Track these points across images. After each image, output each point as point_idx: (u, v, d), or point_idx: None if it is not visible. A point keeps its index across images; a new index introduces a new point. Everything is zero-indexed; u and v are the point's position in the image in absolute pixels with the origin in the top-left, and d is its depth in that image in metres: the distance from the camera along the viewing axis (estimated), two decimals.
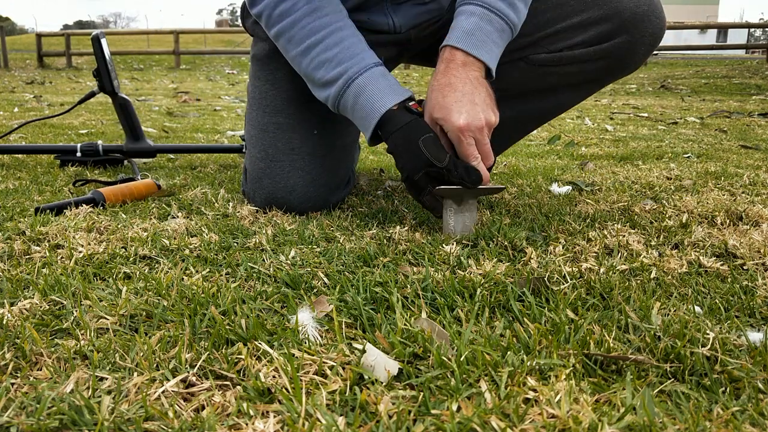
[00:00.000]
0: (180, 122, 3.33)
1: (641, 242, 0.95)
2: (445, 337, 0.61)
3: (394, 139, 0.97)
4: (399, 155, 0.97)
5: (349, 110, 1.01)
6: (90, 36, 1.61)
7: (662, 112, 4.18)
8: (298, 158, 1.13)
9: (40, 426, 0.46)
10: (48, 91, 6.68)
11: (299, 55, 1.03)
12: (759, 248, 0.92)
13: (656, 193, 1.34)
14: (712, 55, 15.50)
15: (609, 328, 0.64)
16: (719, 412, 0.50)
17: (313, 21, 1.01)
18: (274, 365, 0.55)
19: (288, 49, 1.04)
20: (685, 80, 8.29)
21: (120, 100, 1.67)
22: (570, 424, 0.47)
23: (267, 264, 0.83)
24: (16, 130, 1.96)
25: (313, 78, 1.03)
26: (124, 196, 1.22)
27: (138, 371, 0.55)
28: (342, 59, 1.00)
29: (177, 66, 12.82)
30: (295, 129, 1.13)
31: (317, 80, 1.02)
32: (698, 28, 12.48)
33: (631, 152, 2.13)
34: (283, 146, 1.13)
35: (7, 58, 12.57)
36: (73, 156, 1.66)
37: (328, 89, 1.01)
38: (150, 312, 0.67)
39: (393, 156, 0.99)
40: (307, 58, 1.02)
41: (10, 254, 0.87)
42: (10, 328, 0.63)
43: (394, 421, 0.47)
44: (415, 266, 0.84)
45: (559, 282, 0.76)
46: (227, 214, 1.12)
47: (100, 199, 1.17)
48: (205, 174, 1.60)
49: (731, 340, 0.61)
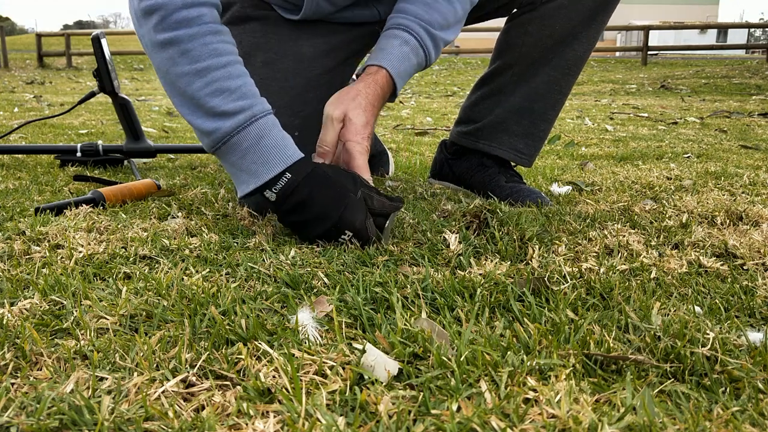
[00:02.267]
0: (180, 122, 3.33)
1: (641, 242, 0.95)
2: (445, 337, 0.61)
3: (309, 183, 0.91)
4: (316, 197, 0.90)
5: (240, 149, 0.93)
6: (90, 36, 1.61)
7: (662, 112, 4.18)
8: None
9: (40, 426, 0.46)
10: (48, 91, 6.68)
11: (193, 74, 0.91)
12: (759, 248, 0.92)
13: (656, 193, 1.34)
14: (712, 55, 15.49)
15: (609, 328, 0.64)
16: (719, 412, 0.50)
17: (217, 42, 0.93)
18: (274, 365, 0.55)
19: (178, 62, 0.91)
20: (685, 80, 8.30)
21: (120, 100, 1.67)
22: (570, 424, 0.47)
23: (267, 264, 0.83)
24: (16, 130, 1.96)
25: (204, 104, 0.92)
26: (124, 196, 1.22)
27: (138, 371, 0.55)
28: (246, 94, 0.93)
29: None
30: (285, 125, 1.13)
31: (209, 107, 0.92)
32: (698, 28, 12.49)
33: (631, 152, 2.13)
34: None
35: (7, 58, 12.57)
36: (73, 156, 1.66)
37: (221, 121, 0.92)
38: (150, 312, 0.67)
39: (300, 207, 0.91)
40: (202, 80, 0.91)
41: (10, 254, 0.87)
42: (10, 328, 0.63)
43: (394, 421, 0.47)
44: (415, 266, 0.84)
45: (559, 282, 0.76)
46: (227, 214, 1.12)
47: (99, 199, 1.17)
48: (205, 174, 1.60)
49: (731, 340, 0.61)
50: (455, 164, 1.41)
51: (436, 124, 3.42)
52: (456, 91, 6.90)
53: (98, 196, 1.18)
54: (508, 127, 1.31)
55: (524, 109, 1.29)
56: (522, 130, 1.30)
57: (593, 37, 1.27)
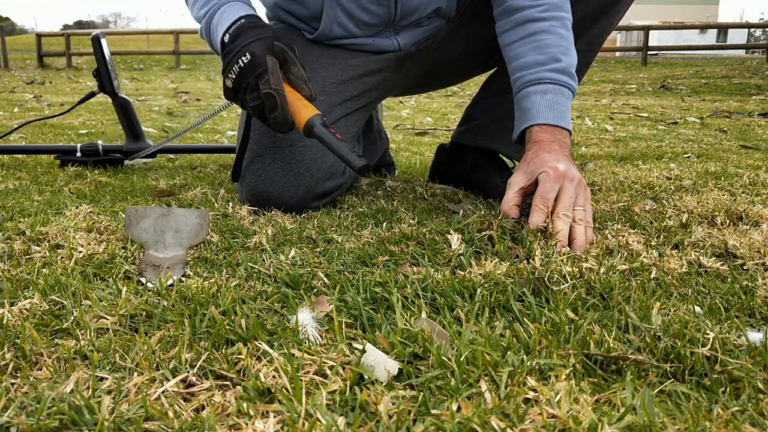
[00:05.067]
0: (180, 122, 3.33)
1: (641, 242, 0.95)
2: (445, 337, 0.61)
3: (242, 27, 1.03)
4: (240, 37, 1.01)
5: (213, 30, 1.09)
6: (90, 36, 1.61)
7: (662, 112, 4.18)
8: (279, 150, 1.13)
9: (40, 426, 0.46)
10: (48, 91, 6.68)
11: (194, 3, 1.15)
12: (759, 248, 0.92)
13: (656, 193, 1.34)
14: (712, 55, 15.49)
15: (609, 328, 0.64)
16: (719, 412, 0.50)
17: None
18: (274, 365, 0.55)
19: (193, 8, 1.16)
20: (685, 80, 8.30)
21: (120, 101, 1.67)
22: (570, 424, 0.47)
23: (267, 264, 0.83)
24: (16, 130, 1.96)
25: (198, 16, 1.13)
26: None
27: (138, 371, 0.55)
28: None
29: (177, 66, 12.82)
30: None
31: (199, 16, 1.13)
32: (698, 28, 12.50)
33: (631, 152, 2.13)
34: (266, 141, 1.14)
35: (7, 58, 12.57)
36: (73, 156, 1.66)
37: (203, 20, 1.11)
38: (150, 312, 0.67)
39: (226, 52, 1.02)
40: (199, 2, 1.13)
41: (10, 254, 0.87)
42: (10, 328, 0.63)
43: (394, 421, 0.47)
44: (415, 266, 0.84)
45: (559, 282, 0.76)
46: (227, 214, 1.12)
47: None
48: (205, 174, 1.60)
49: (731, 340, 0.61)
50: (452, 166, 1.42)
51: (436, 124, 3.42)
52: (456, 91, 6.90)
53: None
54: (507, 124, 1.31)
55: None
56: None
57: (597, 39, 1.26)
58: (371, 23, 1.20)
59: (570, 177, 0.95)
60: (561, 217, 0.91)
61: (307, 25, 1.23)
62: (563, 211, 0.92)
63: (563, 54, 1.07)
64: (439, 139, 2.70)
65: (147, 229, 0.93)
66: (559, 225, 0.91)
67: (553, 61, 1.06)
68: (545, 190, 0.94)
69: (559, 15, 1.09)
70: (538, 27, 1.08)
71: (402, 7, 1.18)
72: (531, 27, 1.08)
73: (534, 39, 1.08)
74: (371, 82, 1.25)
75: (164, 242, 0.90)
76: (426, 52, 1.31)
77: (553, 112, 1.04)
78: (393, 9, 1.19)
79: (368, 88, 1.25)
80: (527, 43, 1.08)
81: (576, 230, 0.91)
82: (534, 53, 1.07)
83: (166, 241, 0.90)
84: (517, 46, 1.10)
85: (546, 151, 1.00)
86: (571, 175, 0.96)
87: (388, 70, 1.28)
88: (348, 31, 1.20)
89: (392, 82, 1.33)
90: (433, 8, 1.22)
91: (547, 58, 1.06)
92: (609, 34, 1.30)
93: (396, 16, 1.20)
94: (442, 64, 1.37)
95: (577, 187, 0.95)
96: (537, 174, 0.97)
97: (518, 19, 1.10)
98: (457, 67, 1.40)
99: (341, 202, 1.24)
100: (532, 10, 1.09)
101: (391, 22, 1.21)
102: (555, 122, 1.03)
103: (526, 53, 1.08)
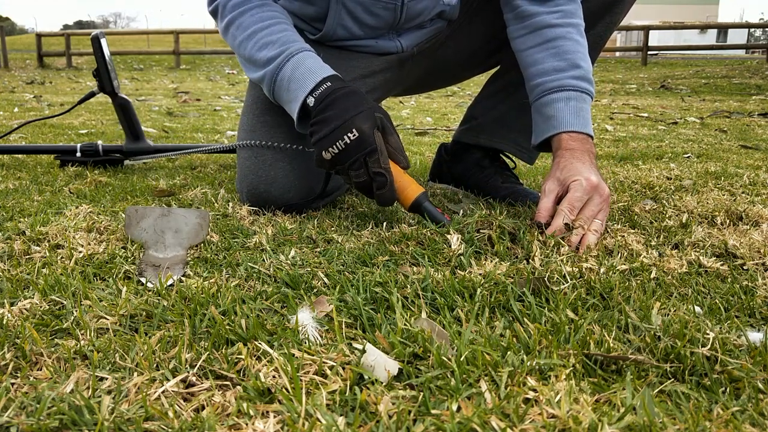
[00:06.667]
0: (180, 122, 3.33)
1: (641, 242, 0.95)
2: (445, 337, 0.61)
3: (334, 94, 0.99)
4: (336, 106, 0.98)
5: (285, 83, 1.05)
6: (90, 36, 1.61)
7: (662, 112, 4.18)
8: (280, 150, 1.14)
9: (40, 426, 0.46)
10: (48, 91, 6.68)
11: (245, 39, 1.10)
12: (759, 248, 0.92)
13: (656, 193, 1.34)
14: (712, 55, 15.49)
15: (609, 328, 0.64)
16: (719, 412, 0.50)
17: (262, 11, 1.11)
18: (274, 365, 0.55)
19: (236, 35, 1.11)
20: (685, 80, 8.30)
21: (120, 101, 1.67)
22: (570, 424, 0.47)
23: (267, 264, 0.83)
24: (16, 130, 1.96)
25: (255, 58, 1.09)
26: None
27: (138, 371, 0.55)
28: (285, 41, 1.08)
29: (177, 66, 12.82)
30: (281, 125, 1.15)
31: (259, 60, 1.08)
32: (698, 28, 12.50)
33: (631, 152, 2.13)
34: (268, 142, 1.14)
35: (7, 58, 12.57)
36: (73, 156, 1.66)
37: (268, 66, 1.07)
38: (150, 312, 0.67)
39: (319, 120, 0.98)
40: (252, 41, 1.09)
41: (10, 254, 0.87)
42: (10, 328, 0.63)
43: (394, 421, 0.47)
44: (415, 266, 0.84)
45: (559, 282, 0.76)
46: (227, 214, 1.12)
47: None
48: (205, 174, 1.60)
49: (731, 340, 0.61)
50: (453, 166, 1.42)
51: (436, 124, 3.42)
52: (456, 91, 6.90)
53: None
54: (509, 122, 1.31)
55: (527, 105, 1.28)
56: (523, 125, 1.29)
57: (600, 38, 1.26)
58: (375, 26, 1.20)
59: (600, 191, 0.98)
60: (576, 227, 0.94)
61: (310, 26, 1.23)
62: (581, 221, 0.94)
63: (581, 60, 1.08)
64: (439, 139, 2.70)
65: (147, 229, 0.93)
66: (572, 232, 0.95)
67: (572, 67, 1.07)
68: (575, 198, 0.96)
69: (574, 22, 1.10)
70: (555, 33, 1.09)
71: (407, 10, 1.19)
72: (548, 33, 1.09)
73: (552, 45, 1.09)
74: (373, 83, 1.25)
75: (164, 242, 0.90)
76: (428, 52, 1.31)
77: (579, 119, 1.06)
78: (398, 13, 1.19)
79: (370, 88, 1.25)
80: (545, 49, 1.09)
81: (588, 238, 0.93)
82: (553, 60, 1.08)
83: (166, 241, 0.90)
84: (535, 52, 1.10)
85: (579, 161, 1.01)
86: (602, 190, 0.98)
87: (390, 71, 1.28)
88: (351, 33, 1.20)
89: (394, 83, 1.33)
90: (437, 12, 1.23)
91: (567, 64, 1.07)
92: (612, 33, 1.30)
93: (400, 20, 1.20)
94: (443, 64, 1.37)
95: (602, 202, 0.98)
96: (569, 181, 0.99)
97: (533, 24, 1.11)
98: (458, 66, 1.40)
99: (341, 202, 1.24)
100: (547, 17, 1.10)
101: (395, 25, 1.22)
102: (582, 129, 1.06)
103: (544, 59, 1.09)
